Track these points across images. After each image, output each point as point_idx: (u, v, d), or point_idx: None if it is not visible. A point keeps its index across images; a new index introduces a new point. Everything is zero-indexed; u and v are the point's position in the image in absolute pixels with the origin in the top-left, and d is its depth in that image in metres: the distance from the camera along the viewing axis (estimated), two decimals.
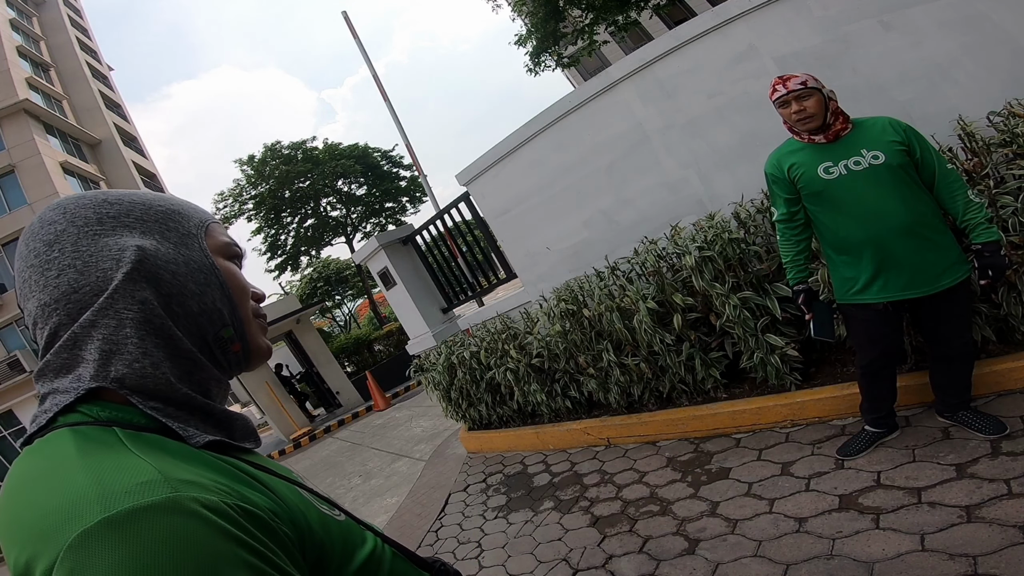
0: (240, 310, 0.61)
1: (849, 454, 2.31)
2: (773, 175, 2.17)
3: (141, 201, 0.59)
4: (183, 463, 0.44)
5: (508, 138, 4.23)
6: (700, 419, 3.09)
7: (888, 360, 2.18)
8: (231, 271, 0.62)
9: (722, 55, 3.29)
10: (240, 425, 0.59)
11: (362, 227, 25.90)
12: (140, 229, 0.56)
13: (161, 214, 0.59)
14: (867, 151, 1.94)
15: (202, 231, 0.62)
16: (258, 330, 0.65)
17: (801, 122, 2.00)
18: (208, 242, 0.61)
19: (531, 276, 4.50)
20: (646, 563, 2.27)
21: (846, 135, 2.00)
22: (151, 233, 0.57)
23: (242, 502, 0.42)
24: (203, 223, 0.63)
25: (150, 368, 0.51)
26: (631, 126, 3.70)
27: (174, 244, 0.58)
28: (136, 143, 28.13)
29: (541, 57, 14.30)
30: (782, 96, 2.02)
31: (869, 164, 1.93)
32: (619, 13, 12.88)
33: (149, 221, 0.57)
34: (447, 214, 5.15)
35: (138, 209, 0.57)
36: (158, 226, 0.58)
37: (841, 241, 2.06)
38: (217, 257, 0.61)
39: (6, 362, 18.46)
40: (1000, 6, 2.66)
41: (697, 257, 2.95)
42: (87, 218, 0.54)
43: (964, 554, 1.62)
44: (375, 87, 10.82)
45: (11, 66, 21.20)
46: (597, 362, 3.49)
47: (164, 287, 0.55)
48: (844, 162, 1.97)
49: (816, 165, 2.01)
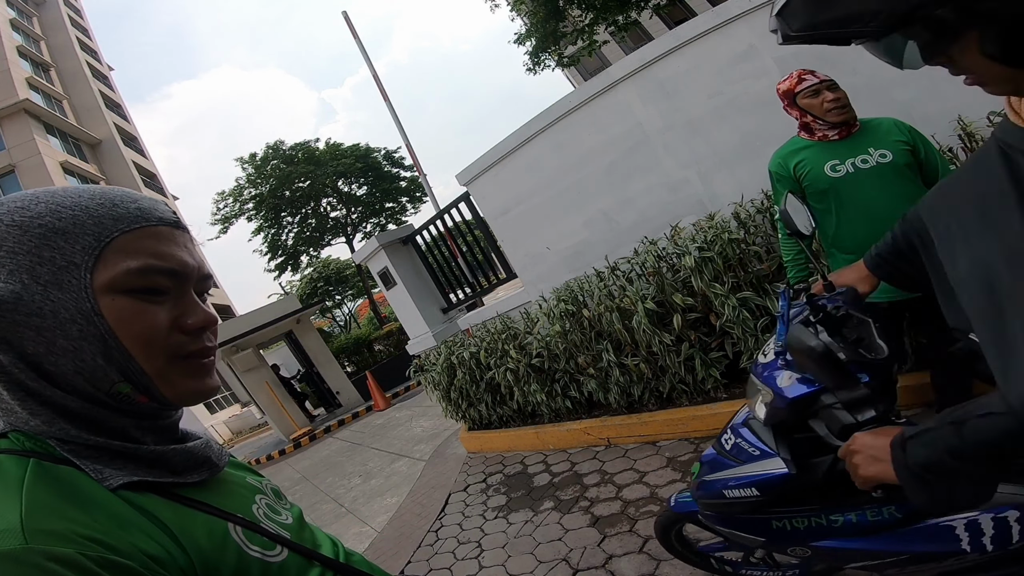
0: (142, 361, 0.51)
1: None
2: (778, 173, 2.16)
3: (22, 221, 0.49)
4: (66, 508, 0.44)
5: (508, 138, 4.24)
6: (700, 419, 3.09)
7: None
8: (126, 313, 0.50)
9: (722, 55, 3.29)
10: (180, 460, 0.55)
11: (362, 227, 25.92)
12: (9, 267, 0.48)
13: (39, 239, 0.48)
14: (874, 150, 1.94)
15: (91, 259, 0.49)
16: (181, 372, 0.54)
17: (836, 111, 1.97)
18: (99, 274, 0.50)
19: (531, 276, 4.50)
20: (646, 563, 2.27)
21: (854, 133, 2.00)
22: (19, 272, 0.48)
23: (107, 553, 0.42)
24: (99, 244, 0.50)
25: (44, 426, 0.49)
26: (631, 126, 3.70)
27: (43, 285, 0.48)
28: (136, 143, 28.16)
29: (541, 56, 14.31)
30: (813, 85, 1.98)
31: (876, 162, 1.93)
32: (619, 13, 12.88)
33: (21, 254, 0.48)
34: (447, 214, 5.15)
35: (13, 236, 0.48)
36: (30, 259, 0.48)
37: (845, 240, 2.05)
38: (108, 296, 0.50)
39: None
40: None
41: (697, 257, 2.95)
42: None
43: None
44: (375, 87, 10.83)
45: (11, 66, 21.23)
46: (597, 362, 3.49)
47: (29, 345, 0.48)
48: (851, 160, 1.95)
49: (823, 162, 2.00)
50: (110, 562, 0.42)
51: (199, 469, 0.57)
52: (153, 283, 0.52)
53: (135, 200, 0.55)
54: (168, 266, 0.53)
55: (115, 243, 0.51)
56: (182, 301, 0.55)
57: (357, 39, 10.63)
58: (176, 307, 0.54)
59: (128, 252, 0.51)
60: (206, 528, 0.51)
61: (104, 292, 0.50)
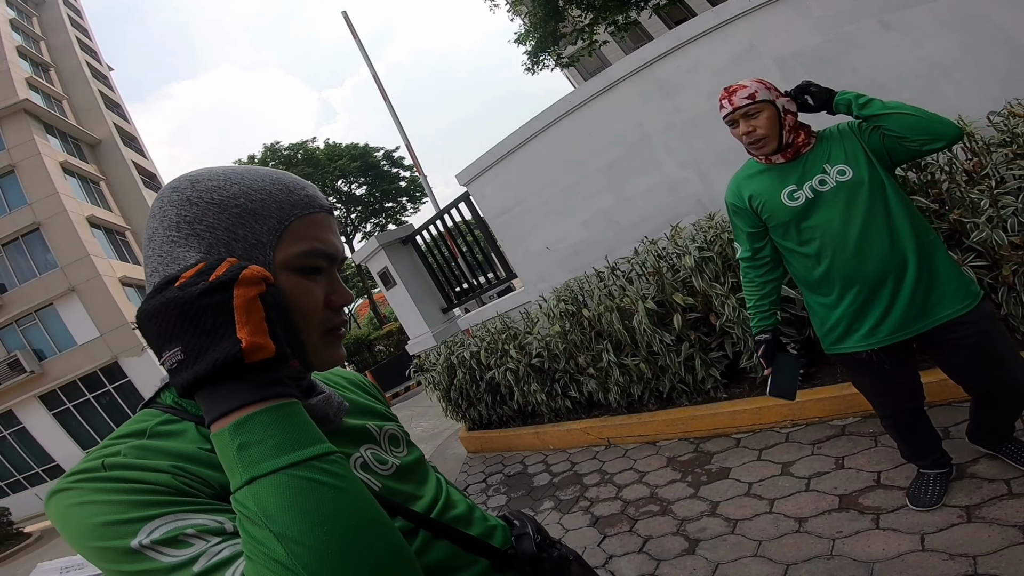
0: (301, 331, 0.58)
1: (926, 504, 1.88)
2: (734, 205, 1.84)
3: (220, 200, 0.56)
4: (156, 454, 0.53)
5: (508, 138, 4.23)
6: (700, 419, 3.10)
7: (910, 405, 1.81)
8: (297, 288, 0.58)
9: (722, 55, 3.29)
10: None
11: (362, 227, 25.91)
12: (208, 240, 0.55)
13: (235, 218, 0.56)
14: (831, 166, 1.62)
15: (274, 239, 0.57)
16: (326, 344, 0.61)
17: (753, 145, 1.68)
18: (279, 253, 0.57)
19: (531, 276, 4.50)
20: (646, 563, 2.27)
21: (807, 151, 1.67)
22: (217, 246, 0.55)
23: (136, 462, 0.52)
24: (282, 225, 0.58)
25: None
26: (631, 126, 3.70)
27: (238, 258, 0.55)
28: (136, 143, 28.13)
29: (540, 56, 14.30)
30: (728, 114, 1.70)
31: (836, 182, 1.61)
32: (619, 13, 12.87)
33: (220, 230, 0.55)
34: (447, 214, 5.15)
35: (213, 214, 0.56)
36: (227, 235, 0.56)
37: (816, 280, 1.72)
38: (283, 272, 0.57)
39: (6, 362, 18.46)
40: (1000, 6, 2.66)
41: (697, 257, 2.95)
42: (171, 220, 0.56)
43: (964, 554, 1.62)
44: (375, 87, 10.83)
45: (11, 66, 21.20)
46: (597, 362, 3.49)
47: None
48: (809, 182, 1.64)
49: (779, 191, 1.68)
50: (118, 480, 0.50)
51: (317, 422, 0.61)
52: (315, 264, 0.59)
53: (303, 187, 0.62)
54: (327, 250, 0.60)
55: (291, 226, 0.58)
56: (332, 280, 0.62)
57: (357, 39, 10.63)
58: (327, 285, 0.61)
59: (300, 235, 0.58)
60: None
61: (280, 269, 0.57)
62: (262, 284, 0.49)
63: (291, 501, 0.43)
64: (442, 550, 0.65)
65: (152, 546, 0.47)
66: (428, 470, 0.77)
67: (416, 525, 0.64)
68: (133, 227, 23.72)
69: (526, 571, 0.71)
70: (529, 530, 0.74)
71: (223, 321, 0.46)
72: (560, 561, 0.74)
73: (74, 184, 21.51)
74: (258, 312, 0.48)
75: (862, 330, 1.67)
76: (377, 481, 0.66)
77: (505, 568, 0.69)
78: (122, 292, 20.07)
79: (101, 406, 19.46)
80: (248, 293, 0.48)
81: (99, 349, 19.10)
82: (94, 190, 23.07)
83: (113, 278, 19.93)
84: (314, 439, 0.47)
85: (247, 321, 0.47)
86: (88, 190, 22.52)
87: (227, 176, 0.58)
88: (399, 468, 0.70)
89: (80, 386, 19.30)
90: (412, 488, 0.70)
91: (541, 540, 0.74)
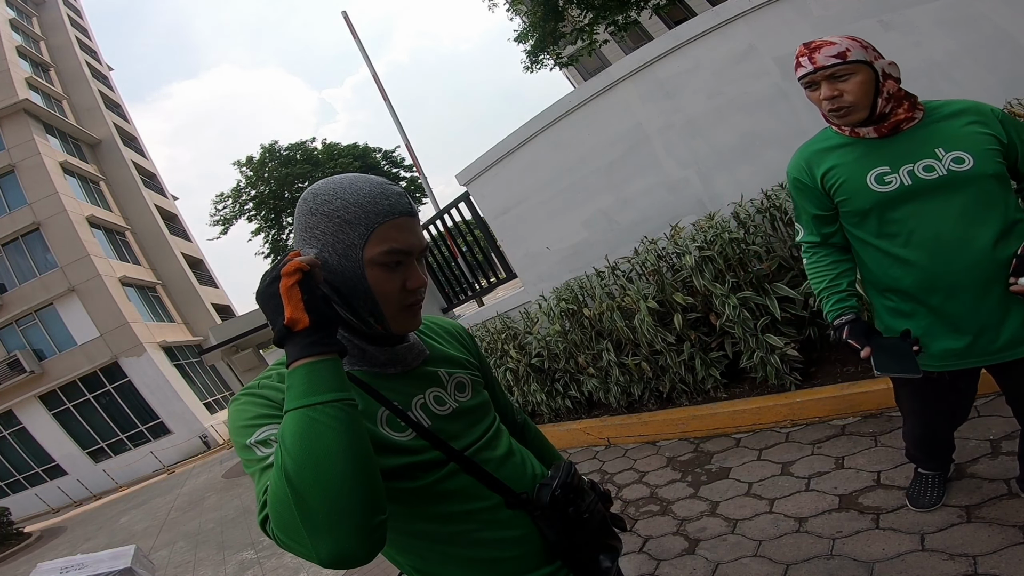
0: (383, 308, 0.79)
1: (926, 505, 1.84)
2: (799, 181, 1.50)
3: (327, 212, 0.76)
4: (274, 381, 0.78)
5: (508, 138, 4.23)
6: (700, 419, 3.10)
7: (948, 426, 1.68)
8: (379, 279, 0.77)
9: (722, 55, 3.29)
10: (382, 358, 0.83)
11: None
12: (321, 241, 0.77)
13: (336, 228, 0.76)
14: (945, 151, 1.28)
15: (362, 242, 0.76)
16: (404, 315, 0.81)
17: (835, 113, 1.36)
18: (366, 252, 0.76)
19: (531, 276, 4.50)
20: (646, 563, 2.27)
21: (911, 127, 1.33)
22: (326, 247, 0.77)
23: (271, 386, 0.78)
24: (368, 231, 0.76)
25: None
26: (631, 126, 3.70)
27: (338, 255, 0.76)
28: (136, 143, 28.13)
29: (539, 56, 14.30)
30: (807, 75, 1.38)
31: (947, 171, 1.28)
32: (619, 13, 12.87)
33: (327, 234, 0.77)
34: (447, 214, 5.15)
35: (322, 224, 0.77)
36: (330, 238, 0.76)
37: (892, 281, 1.42)
38: (369, 267, 0.77)
39: (6, 362, 18.47)
40: (1000, 6, 2.66)
41: (697, 257, 2.95)
42: (302, 224, 0.79)
43: (964, 554, 1.62)
44: (375, 87, 10.83)
45: (11, 66, 21.20)
46: (597, 362, 3.49)
47: (332, 284, 0.78)
48: (908, 167, 1.31)
49: (864, 171, 1.36)
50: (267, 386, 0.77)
51: (394, 365, 0.85)
52: (394, 259, 0.77)
53: (388, 196, 0.78)
54: (404, 248, 0.78)
55: (375, 232, 0.76)
56: (410, 269, 0.80)
57: (357, 39, 10.63)
58: (405, 273, 0.79)
59: (382, 238, 0.76)
60: (362, 404, 0.76)
61: (369, 264, 0.77)
62: (299, 273, 0.68)
63: (295, 430, 0.62)
64: (464, 481, 0.82)
65: (254, 444, 0.70)
66: (486, 413, 0.93)
67: (448, 458, 0.81)
68: (133, 227, 23.72)
69: (537, 515, 0.85)
70: (555, 483, 0.86)
71: (277, 303, 0.68)
72: (575, 516, 0.85)
73: (74, 184, 21.52)
74: (296, 294, 0.67)
75: (939, 348, 1.40)
76: (428, 419, 0.83)
77: (517, 507, 0.84)
78: (122, 292, 20.06)
79: (101, 406, 19.47)
80: (288, 281, 0.67)
81: (99, 349, 19.10)
82: (94, 190, 23.07)
83: (113, 278, 19.93)
84: (329, 388, 0.64)
85: (288, 302, 0.67)
86: (88, 190, 22.52)
87: (334, 191, 0.77)
88: (455, 410, 0.87)
89: (80, 386, 19.30)
90: (460, 428, 0.86)
91: (562, 494, 0.85)
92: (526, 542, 0.84)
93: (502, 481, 0.84)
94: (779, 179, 3.11)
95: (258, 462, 0.68)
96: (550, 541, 0.84)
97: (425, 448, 0.80)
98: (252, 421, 0.72)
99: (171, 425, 19.50)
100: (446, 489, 0.80)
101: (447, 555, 0.82)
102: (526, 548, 0.84)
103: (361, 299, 0.78)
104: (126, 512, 11.66)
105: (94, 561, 4.22)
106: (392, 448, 0.77)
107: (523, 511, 0.85)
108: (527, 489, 0.87)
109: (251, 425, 0.71)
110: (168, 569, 5.72)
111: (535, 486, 0.88)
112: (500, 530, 0.83)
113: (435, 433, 0.81)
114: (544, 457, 1.06)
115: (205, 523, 7.27)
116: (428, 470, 0.79)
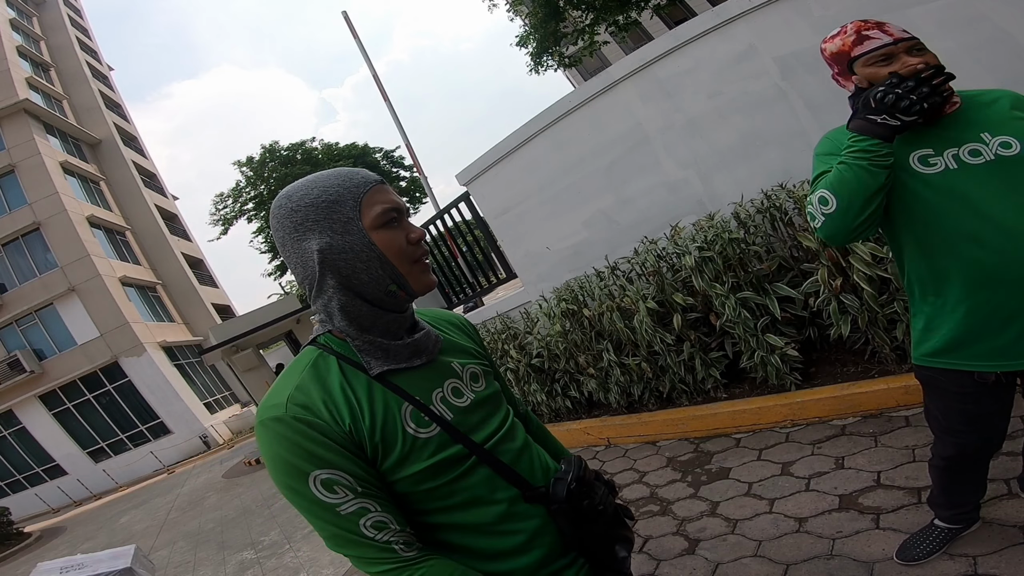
0: (398, 268, 0.81)
1: (916, 557, 1.68)
2: (829, 153, 1.38)
3: (311, 202, 0.79)
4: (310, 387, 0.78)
5: (508, 138, 4.23)
6: (700, 419, 3.09)
7: (984, 449, 1.50)
8: (385, 239, 0.80)
9: (722, 55, 3.29)
10: (406, 352, 0.84)
11: None
12: (317, 230, 0.79)
13: (325, 210, 0.78)
14: (992, 136, 1.23)
15: (357, 212, 0.79)
16: (418, 272, 0.84)
17: None
18: (364, 220, 0.79)
19: (531, 276, 4.50)
20: (646, 563, 2.27)
21: (954, 111, 1.29)
22: (324, 232, 0.78)
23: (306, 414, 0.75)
24: (357, 203, 0.79)
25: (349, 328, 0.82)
26: (631, 126, 3.70)
27: (340, 234, 0.78)
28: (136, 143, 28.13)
29: (543, 58, 14.30)
30: (883, 47, 1.29)
31: (995, 155, 1.22)
32: (619, 13, 12.87)
33: (321, 220, 0.78)
34: (447, 214, 5.15)
35: (312, 213, 0.79)
36: (327, 222, 0.78)
37: (934, 272, 1.33)
38: (373, 231, 0.79)
39: (6, 362, 18.46)
40: (1000, 6, 2.66)
41: (697, 257, 2.95)
42: (288, 227, 0.81)
43: (964, 554, 1.62)
44: (376, 87, 10.83)
45: (11, 66, 21.19)
46: (597, 362, 3.49)
47: (343, 272, 0.79)
48: (953, 151, 1.25)
49: (907, 152, 1.28)
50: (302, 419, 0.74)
51: (419, 356, 0.86)
52: (391, 217, 0.81)
53: (359, 172, 0.83)
54: (394, 206, 0.83)
55: (364, 199, 0.80)
56: (405, 225, 0.84)
57: (357, 39, 10.63)
58: (404, 228, 0.83)
59: (371, 203, 0.81)
60: (383, 404, 0.79)
61: (371, 229, 0.80)
62: None
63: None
64: (484, 474, 0.83)
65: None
66: (500, 403, 0.94)
67: (470, 452, 0.82)
68: (133, 227, 23.72)
69: (554, 509, 0.85)
70: (568, 476, 0.87)
71: None
72: (590, 510, 0.86)
73: (74, 184, 21.51)
74: None
75: (983, 345, 1.30)
76: (450, 411, 0.84)
77: (534, 501, 0.85)
78: (122, 292, 20.06)
79: (101, 406, 19.46)
80: None
81: (99, 349, 19.09)
82: (94, 190, 23.06)
83: (113, 278, 19.92)
84: None
85: None
86: (88, 190, 22.52)
87: (307, 184, 0.81)
88: (473, 401, 0.88)
89: (80, 386, 19.29)
90: (479, 419, 0.87)
91: (577, 488, 0.86)
92: (543, 534, 0.85)
93: (520, 474, 0.86)
94: (779, 179, 3.11)
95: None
96: (566, 535, 0.85)
97: (448, 443, 0.81)
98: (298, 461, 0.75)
99: (171, 425, 19.49)
100: (467, 483, 0.81)
101: (464, 548, 0.83)
102: (543, 540, 0.85)
103: (378, 267, 0.80)
104: (126, 512, 11.66)
105: (94, 561, 4.22)
106: (419, 448, 0.78)
107: (540, 504, 0.85)
108: (540, 482, 0.88)
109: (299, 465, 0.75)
110: (168, 569, 5.72)
111: (549, 480, 0.88)
112: (517, 522, 0.83)
113: (456, 427, 0.83)
114: (549, 450, 1.06)
115: (205, 523, 7.27)
116: (451, 466, 0.80)
